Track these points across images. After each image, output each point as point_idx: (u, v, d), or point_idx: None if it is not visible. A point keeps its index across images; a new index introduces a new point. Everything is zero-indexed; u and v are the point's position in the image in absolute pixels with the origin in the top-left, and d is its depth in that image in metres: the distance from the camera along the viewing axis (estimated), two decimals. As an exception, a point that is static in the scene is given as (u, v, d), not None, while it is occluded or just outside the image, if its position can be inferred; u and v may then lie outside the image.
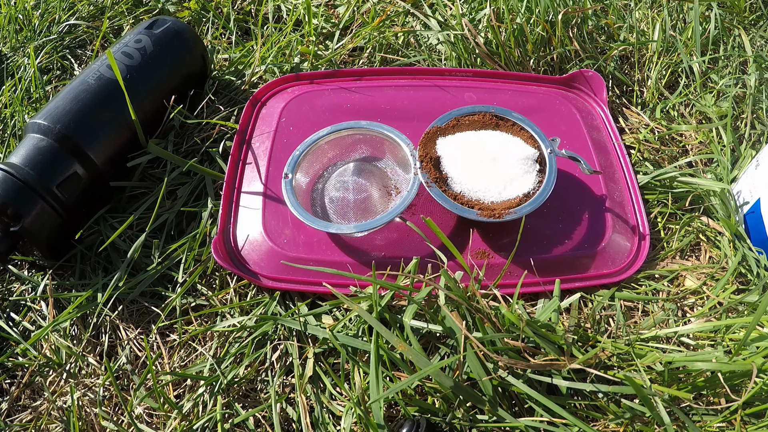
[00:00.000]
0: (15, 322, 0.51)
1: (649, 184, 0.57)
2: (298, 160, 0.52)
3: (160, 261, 0.52)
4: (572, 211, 0.53)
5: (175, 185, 0.57)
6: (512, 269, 0.50)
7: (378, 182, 0.54)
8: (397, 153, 0.53)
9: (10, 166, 0.49)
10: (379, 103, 0.61)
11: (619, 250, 0.52)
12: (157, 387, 0.44)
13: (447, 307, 0.41)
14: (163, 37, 0.60)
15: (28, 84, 0.67)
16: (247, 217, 0.53)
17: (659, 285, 0.50)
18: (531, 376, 0.40)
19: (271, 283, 0.49)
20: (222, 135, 0.61)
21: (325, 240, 0.51)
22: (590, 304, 0.49)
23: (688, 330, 0.44)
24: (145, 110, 0.56)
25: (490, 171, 0.50)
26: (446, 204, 0.48)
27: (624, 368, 0.42)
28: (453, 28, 0.69)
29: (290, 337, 0.47)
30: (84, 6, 0.79)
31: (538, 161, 0.51)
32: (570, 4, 0.69)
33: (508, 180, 0.49)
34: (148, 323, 0.50)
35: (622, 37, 0.70)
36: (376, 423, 0.39)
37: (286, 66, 0.68)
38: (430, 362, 0.39)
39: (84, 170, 0.51)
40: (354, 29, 0.73)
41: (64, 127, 0.50)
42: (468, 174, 0.50)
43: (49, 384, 0.47)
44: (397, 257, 0.50)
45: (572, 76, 0.65)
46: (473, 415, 0.41)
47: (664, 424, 0.37)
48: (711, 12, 0.69)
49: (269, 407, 0.44)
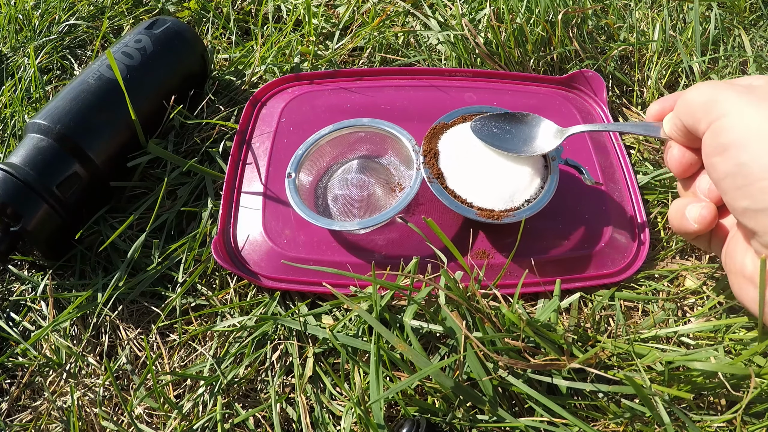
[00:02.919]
0: (15, 322, 0.51)
1: (649, 184, 0.57)
2: (301, 160, 0.52)
3: (160, 261, 0.52)
4: (572, 211, 0.53)
5: (175, 185, 0.57)
6: (512, 269, 0.50)
7: (381, 179, 0.54)
8: (400, 150, 0.53)
9: (10, 166, 0.49)
10: (379, 104, 0.61)
11: (619, 250, 0.52)
12: (157, 387, 0.44)
13: (447, 307, 0.41)
14: (163, 37, 0.60)
15: (28, 84, 0.67)
16: (247, 217, 0.54)
17: (659, 285, 0.50)
18: (531, 376, 0.40)
19: (271, 283, 0.49)
20: (222, 135, 0.61)
21: (325, 240, 0.51)
22: (590, 304, 0.49)
23: (688, 330, 0.44)
24: (145, 110, 0.56)
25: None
26: (446, 201, 0.48)
27: (624, 368, 0.42)
28: (453, 28, 0.69)
29: (290, 337, 0.47)
30: (84, 6, 0.79)
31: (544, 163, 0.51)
32: (570, 4, 0.69)
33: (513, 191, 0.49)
34: (148, 323, 0.50)
35: (622, 37, 0.70)
36: (376, 423, 0.39)
37: (286, 66, 0.68)
38: (430, 362, 0.39)
39: (84, 170, 0.51)
40: (354, 29, 0.73)
41: (64, 127, 0.50)
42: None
43: (49, 384, 0.47)
44: (397, 257, 0.50)
45: (572, 76, 0.65)
46: (473, 415, 0.41)
47: (664, 424, 0.37)
48: (711, 12, 0.69)
49: (269, 407, 0.44)
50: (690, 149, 0.40)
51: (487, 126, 0.50)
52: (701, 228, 0.39)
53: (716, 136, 0.34)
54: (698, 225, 0.39)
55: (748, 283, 0.36)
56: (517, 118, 0.50)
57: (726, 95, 0.34)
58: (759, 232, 0.33)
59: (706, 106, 0.35)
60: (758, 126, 0.32)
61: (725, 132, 0.34)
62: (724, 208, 0.39)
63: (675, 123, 0.40)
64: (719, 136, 0.34)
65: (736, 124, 0.33)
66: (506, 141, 0.49)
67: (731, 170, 0.33)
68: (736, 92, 0.34)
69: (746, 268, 0.36)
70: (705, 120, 0.36)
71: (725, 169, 0.34)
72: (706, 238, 0.41)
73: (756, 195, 0.32)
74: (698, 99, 0.36)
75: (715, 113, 0.35)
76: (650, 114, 0.44)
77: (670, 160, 0.41)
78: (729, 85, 0.35)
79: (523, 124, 0.50)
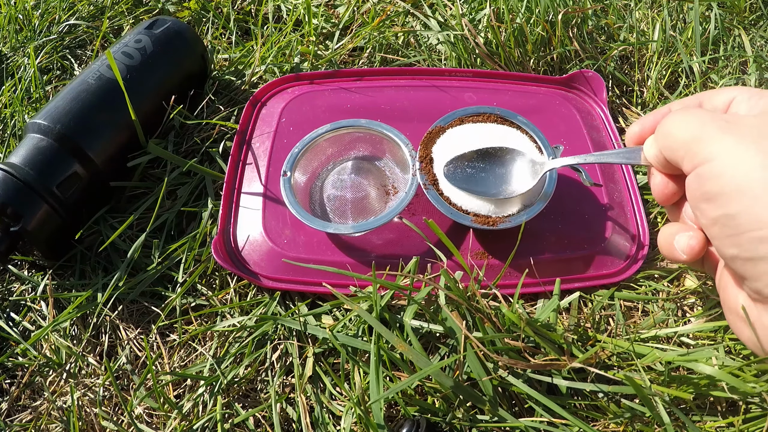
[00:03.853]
0: (15, 322, 0.51)
1: (649, 184, 0.57)
2: (297, 158, 0.52)
3: (160, 261, 0.52)
4: (572, 211, 0.53)
5: (175, 185, 0.57)
6: (512, 269, 0.50)
7: (376, 181, 0.54)
8: (396, 153, 0.53)
9: (10, 166, 0.49)
10: (379, 104, 0.61)
11: (619, 250, 0.52)
12: (157, 387, 0.44)
13: (447, 307, 0.41)
14: (163, 37, 0.60)
15: (28, 84, 0.67)
16: (247, 217, 0.54)
17: (659, 285, 0.50)
18: (531, 376, 0.40)
19: (271, 283, 0.49)
20: (222, 135, 0.61)
21: (325, 240, 0.51)
22: (590, 304, 0.49)
23: (688, 330, 0.44)
24: (145, 110, 0.56)
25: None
26: (441, 208, 0.48)
27: (624, 368, 0.42)
28: (453, 28, 0.69)
29: (290, 337, 0.47)
30: (84, 6, 0.79)
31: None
32: (570, 4, 0.69)
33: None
34: (148, 323, 0.50)
35: (622, 37, 0.70)
36: (376, 423, 0.39)
37: (286, 66, 0.68)
38: (430, 362, 0.39)
39: (84, 170, 0.51)
40: (354, 29, 0.73)
41: (64, 127, 0.50)
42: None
43: (49, 384, 0.47)
44: (396, 257, 0.50)
45: (572, 77, 0.65)
46: (473, 415, 0.41)
47: (664, 424, 0.37)
48: (711, 12, 0.69)
49: (269, 407, 0.44)
50: (673, 178, 0.38)
51: (461, 167, 0.48)
52: (690, 258, 0.37)
53: (702, 183, 0.32)
54: (687, 256, 0.37)
55: (743, 323, 0.34)
56: (491, 154, 0.49)
57: (710, 134, 0.32)
58: (748, 279, 0.32)
59: (689, 146, 0.33)
60: (747, 174, 0.30)
61: (712, 180, 0.31)
62: None
63: (656, 154, 0.37)
64: (705, 183, 0.32)
65: (723, 171, 0.31)
66: (481, 183, 0.48)
67: (720, 219, 0.31)
68: (721, 131, 0.32)
69: (740, 308, 0.34)
70: (688, 161, 0.33)
71: (713, 217, 0.32)
72: (699, 262, 0.40)
73: (745, 245, 0.30)
74: (680, 136, 0.34)
75: (699, 156, 0.32)
76: (630, 137, 0.42)
77: (652, 188, 0.40)
78: (711, 119, 0.33)
79: (497, 161, 0.49)
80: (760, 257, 0.30)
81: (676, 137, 0.34)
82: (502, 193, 0.47)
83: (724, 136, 0.32)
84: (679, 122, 0.34)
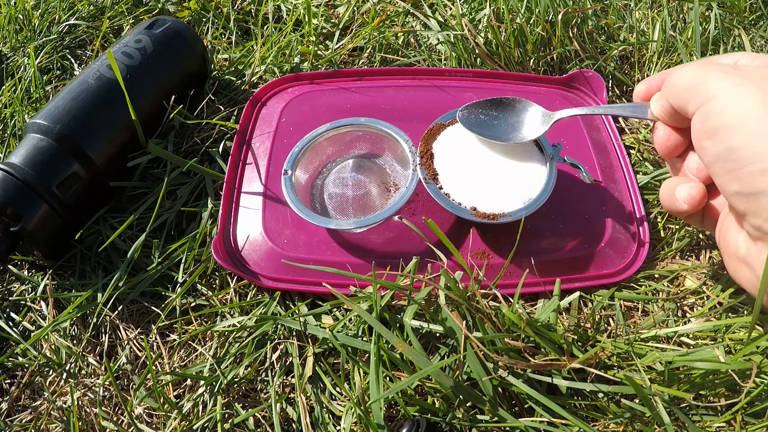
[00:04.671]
0: (15, 322, 0.51)
1: (649, 184, 0.57)
2: (298, 157, 0.52)
3: (160, 261, 0.52)
4: (572, 211, 0.53)
5: (175, 185, 0.57)
6: (512, 269, 0.50)
7: (377, 179, 0.54)
8: (396, 150, 0.53)
9: (10, 166, 0.49)
10: (379, 104, 0.61)
11: (619, 250, 0.52)
12: (157, 387, 0.44)
13: (447, 307, 0.41)
14: (163, 37, 0.60)
15: (28, 84, 0.67)
16: (247, 217, 0.54)
17: (659, 285, 0.50)
18: (531, 376, 0.40)
19: (271, 283, 0.49)
20: (222, 135, 0.61)
21: (325, 240, 0.51)
22: (590, 304, 0.49)
23: (688, 330, 0.44)
24: (145, 110, 0.56)
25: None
26: (442, 201, 0.48)
27: (624, 368, 0.42)
28: (453, 28, 0.69)
29: (290, 337, 0.47)
30: (84, 6, 0.79)
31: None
32: (570, 4, 0.69)
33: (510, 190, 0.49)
34: (148, 323, 0.50)
35: (622, 37, 0.70)
36: (376, 423, 0.39)
37: (286, 66, 0.68)
38: (430, 362, 0.39)
39: (84, 170, 0.51)
40: (354, 29, 0.73)
41: (64, 127, 0.50)
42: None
43: (49, 384, 0.47)
44: (396, 257, 0.50)
45: (572, 76, 0.65)
46: (473, 415, 0.41)
47: (664, 424, 0.37)
48: (711, 12, 0.69)
49: (269, 407, 0.44)
50: (676, 130, 0.40)
51: (475, 114, 0.50)
52: (691, 208, 0.39)
53: (706, 120, 0.34)
54: (688, 205, 0.39)
55: (743, 264, 0.36)
56: (504, 103, 0.51)
57: (713, 77, 0.34)
58: (749, 215, 0.33)
59: (694, 89, 0.35)
60: (747, 109, 0.32)
61: (714, 116, 0.34)
62: (715, 187, 0.39)
63: (662, 104, 0.40)
64: (709, 120, 0.34)
65: (725, 107, 0.33)
66: (493, 128, 0.50)
67: (721, 154, 0.33)
68: (723, 73, 0.34)
69: (740, 250, 0.36)
70: (693, 102, 0.35)
71: (715, 153, 0.34)
72: (698, 217, 0.42)
73: (746, 179, 0.32)
74: (685, 81, 0.36)
75: (703, 96, 0.35)
76: (637, 94, 0.44)
77: (656, 141, 0.42)
78: (716, 66, 0.35)
79: (510, 109, 0.50)
80: (760, 191, 0.31)
81: (681, 82, 0.37)
82: (513, 139, 0.49)
83: (727, 77, 0.34)
84: (684, 70, 0.37)
